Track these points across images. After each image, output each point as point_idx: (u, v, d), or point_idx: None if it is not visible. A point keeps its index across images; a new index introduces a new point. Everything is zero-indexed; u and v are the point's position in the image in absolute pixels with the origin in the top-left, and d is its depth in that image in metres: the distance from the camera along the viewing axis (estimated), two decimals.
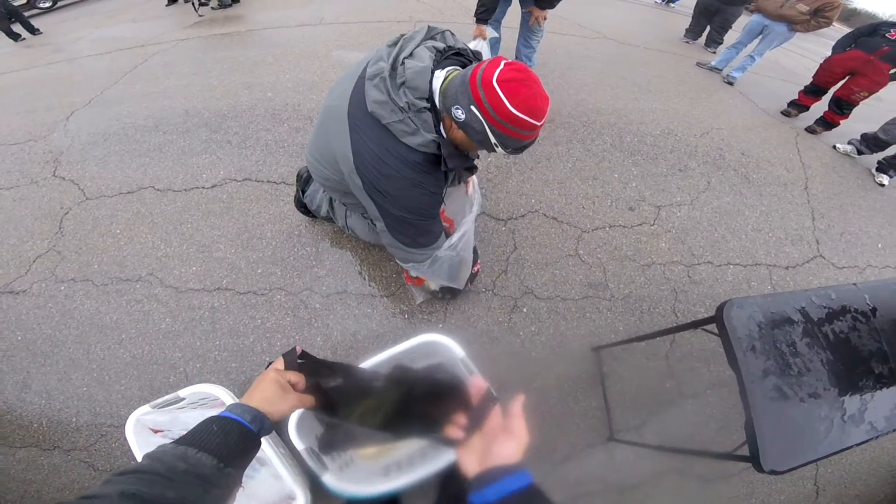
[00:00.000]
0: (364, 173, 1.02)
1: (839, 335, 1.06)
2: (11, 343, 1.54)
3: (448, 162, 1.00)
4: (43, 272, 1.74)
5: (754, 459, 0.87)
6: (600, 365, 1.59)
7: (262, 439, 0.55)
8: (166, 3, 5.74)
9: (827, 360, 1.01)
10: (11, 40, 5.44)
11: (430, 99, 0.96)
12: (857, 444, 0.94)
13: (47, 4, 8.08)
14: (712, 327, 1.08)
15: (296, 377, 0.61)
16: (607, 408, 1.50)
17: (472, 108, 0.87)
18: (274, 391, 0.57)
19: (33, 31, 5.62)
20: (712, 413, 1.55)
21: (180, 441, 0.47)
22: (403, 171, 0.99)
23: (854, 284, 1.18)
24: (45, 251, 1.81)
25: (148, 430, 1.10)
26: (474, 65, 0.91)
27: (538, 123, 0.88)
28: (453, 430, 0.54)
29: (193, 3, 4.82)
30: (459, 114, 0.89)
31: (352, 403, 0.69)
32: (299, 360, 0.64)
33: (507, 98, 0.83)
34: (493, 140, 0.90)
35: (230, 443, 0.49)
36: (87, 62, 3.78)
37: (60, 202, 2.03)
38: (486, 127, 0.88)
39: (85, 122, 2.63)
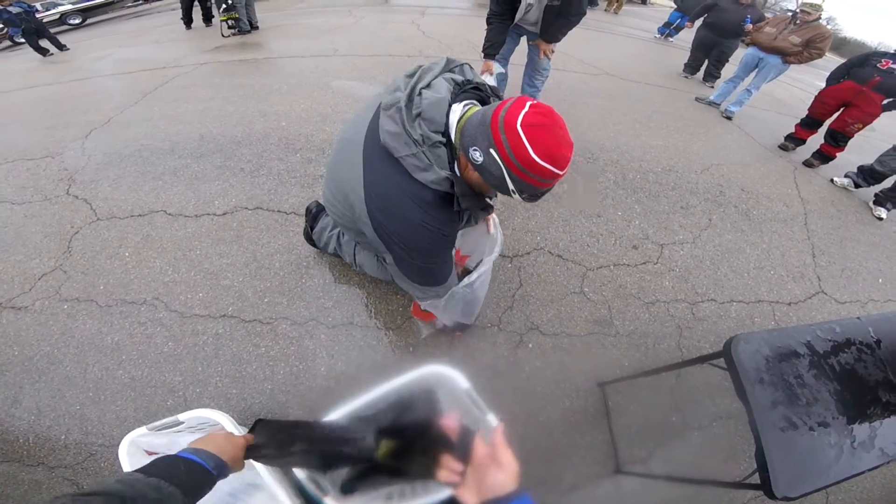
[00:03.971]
0: (372, 210, 0.97)
1: (845, 366, 1.08)
2: (7, 358, 1.53)
3: (461, 202, 0.94)
4: (47, 290, 1.74)
5: (766, 487, 0.88)
6: (606, 399, 1.59)
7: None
8: (185, 27, 6.00)
9: (834, 391, 1.03)
10: (39, 55, 5.63)
11: (446, 133, 0.91)
12: (869, 470, 0.94)
13: (76, 21, 8.42)
14: (719, 362, 1.10)
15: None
16: (613, 441, 1.49)
17: (492, 151, 0.80)
18: (240, 454, 0.65)
19: (61, 47, 5.83)
20: (719, 444, 1.54)
21: (149, 472, 0.52)
22: (412, 211, 0.93)
23: (858, 318, 1.20)
24: (52, 269, 1.82)
25: (142, 452, 1.07)
26: (496, 104, 0.84)
27: (561, 172, 0.81)
28: (447, 476, 0.54)
29: (222, 28, 5.03)
30: (477, 156, 0.83)
31: (335, 463, 0.70)
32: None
33: (530, 145, 0.77)
34: (510, 186, 0.84)
35: (195, 482, 0.55)
36: (108, 81, 3.90)
37: (71, 221, 2.05)
38: (505, 172, 0.81)
39: (102, 141, 2.69)
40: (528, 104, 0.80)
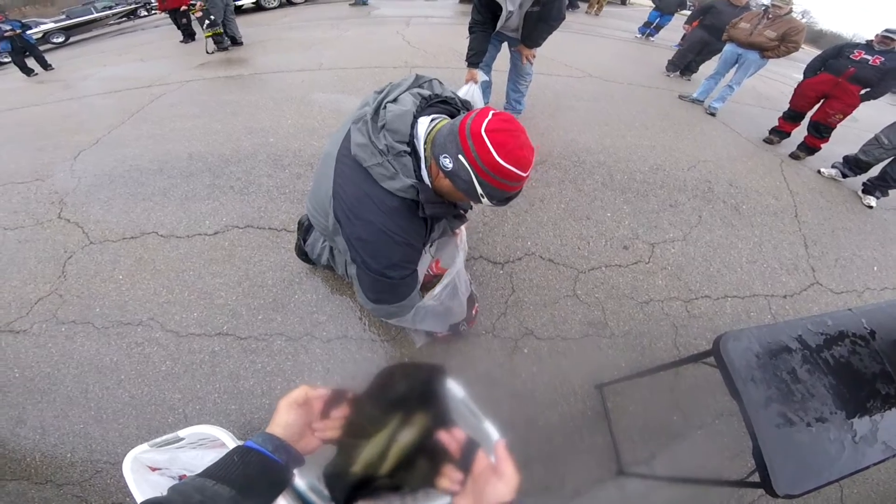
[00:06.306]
0: (340, 216, 1.00)
1: (839, 360, 1.07)
2: (8, 379, 1.54)
3: (426, 208, 0.98)
4: (44, 313, 1.74)
5: (766, 485, 0.87)
6: (604, 401, 1.59)
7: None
8: (181, 39, 6.01)
9: (830, 385, 1.02)
10: (24, 75, 5.59)
11: (412, 144, 0.96)
12: (875, 464, 0.93)
13: (60, 39, 8.41)
14: (712, 360, 1.09)
15: (341, 411, 0.57)
16: (614, 443, 1.49)
17: (460, 156, 0.86)
18: (294, 418, 0.53)
19: (46, 66, 5.81)
20: (723, 442, 1.54)
21: (202, 472, 0.47)
22: (376, 215, 0.97)
23: (850, 310, 1.19)
24: (48, 294, 1.82)
25: (146, 468, 1.08)
26: (463, 114, 0.92)
27: (524, 175, 0.88)
28: (447, 484, 0.53)
29: (206, 45, 5.06)
30: (447, 162, 0.89)
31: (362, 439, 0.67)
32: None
33: (494, 148, 0.83)
34: (479, 190, 0.90)
35: (250, 474, 0.47)
36: (95, 100, 3.90)
37: (64, 245, 2.04)
38: (473, 176, 0.87)
39: (91, 162, 2.69)
40: (491, 113, 0.87)
